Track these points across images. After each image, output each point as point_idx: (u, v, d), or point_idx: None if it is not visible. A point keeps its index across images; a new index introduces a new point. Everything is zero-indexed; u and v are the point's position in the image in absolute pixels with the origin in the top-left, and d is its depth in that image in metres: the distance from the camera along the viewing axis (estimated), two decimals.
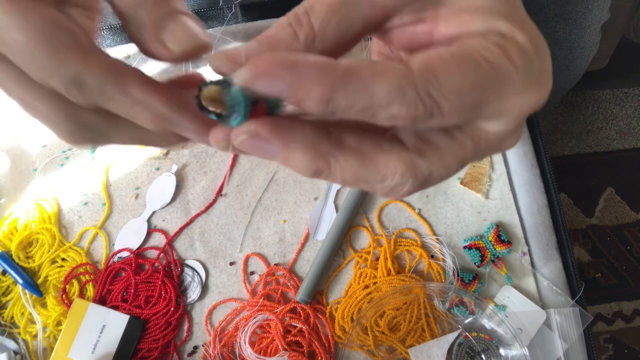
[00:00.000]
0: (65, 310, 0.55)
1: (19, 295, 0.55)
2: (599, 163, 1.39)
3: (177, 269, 0.56)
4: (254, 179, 0.59)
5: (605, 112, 1.42)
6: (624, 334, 1.27)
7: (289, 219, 0.58)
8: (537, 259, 0.57)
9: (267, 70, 0.19)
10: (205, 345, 0.55)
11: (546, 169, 0.59)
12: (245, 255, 0.57)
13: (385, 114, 0.19)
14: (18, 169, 0.59)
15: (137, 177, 0.59)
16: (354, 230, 0.57)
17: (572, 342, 0.54)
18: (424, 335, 0.54)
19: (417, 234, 0.57)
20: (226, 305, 0.56)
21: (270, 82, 0.19)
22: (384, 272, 0.55)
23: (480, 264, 0.55)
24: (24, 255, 0.56)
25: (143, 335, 0.54)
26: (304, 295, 0.54)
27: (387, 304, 0.54)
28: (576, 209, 1.35)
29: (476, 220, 0.58)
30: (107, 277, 0.55)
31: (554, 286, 0.56)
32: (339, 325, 0.55)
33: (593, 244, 1.33)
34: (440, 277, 0.56)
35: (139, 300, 0.55)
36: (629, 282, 1.30)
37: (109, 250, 0.57)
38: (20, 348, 0.54)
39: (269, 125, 0.20)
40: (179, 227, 0.57)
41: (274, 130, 0.20)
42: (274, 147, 0.20)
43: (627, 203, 1.36)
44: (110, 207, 0.58)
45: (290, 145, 0.20)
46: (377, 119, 0.19)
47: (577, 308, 0.55)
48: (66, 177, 0.59)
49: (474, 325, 0.54)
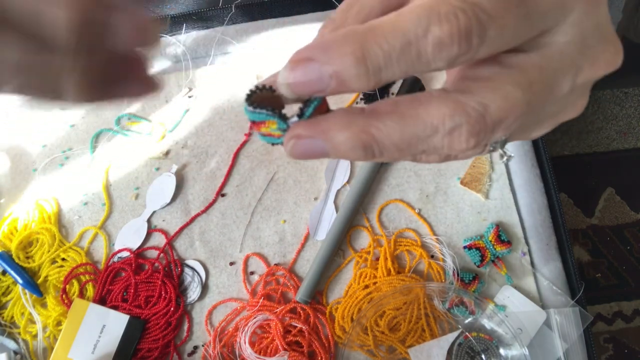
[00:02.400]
0: (65, 310, 0.55)
1: (19, 295, 0.55)
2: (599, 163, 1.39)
3: (177, 269, 0.56)
4: (254, 178, 0.59)
5: (605, 112, 1.42)
6: (624, 334, 1.27)
7: (289, 219, 0.58)
8: (537, 259, 0.57)
9: (298, 60, 0.18)
10: (205, 345, 0.55)
11: (546, 169, 0.59)
12: (245, 255, 0.57)
13: (427, 43, 0.17)
14: (18, 169, 0.59)
15: (137, 177, 0.59)
16: (354, 230, 0.57)
17: (572, 342, 0.54)
18: (424, 335, 0.54)
19: (417, 234, 0.57)
20: (226, 305, 0.56)
21: (304, 70, 0.18)
22: (384, 272, 0.55)
23: (480, 264, 0.55)
24: (24, 255, 0.56)
25: (143, 335, 0.54)
26: (304, 295, 0.54)
27: (387, 304, 0.54)
28: (576, 209, 1.35)
29: (476, 220, 0.58)
30: (107, 277, 0.55)
31: (554, 286, 0.56)
32: (339, 325, 0.55)
33: (593, 244, 1.33)
34: (440, 277, 0.56)
35: (139, 300, 0.55)
36: (629, 282, 1.30)
37: (109, 250, 0.57)
38: (20, 348, 0.54)
39: (304, 124, 0.20)
40: (179, 227, 0.57)
41: (309, 126, 0.20)
42: (318, 142, 0.20)
43: (627, 203, 1.35)
44: (110, 207, 0.58)
45: (329, 132, 0.20)
46: (423, 55, 0.18)
47: (577, 308, 0.55)
48: (66, 177, 0.59)
49: (474, 325, 0.54)
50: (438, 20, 0.17)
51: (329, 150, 0.20)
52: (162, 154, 0.59)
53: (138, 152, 0.59)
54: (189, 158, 0.59)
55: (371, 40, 0.18)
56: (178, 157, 0.59)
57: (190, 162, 0.59)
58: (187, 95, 0.61)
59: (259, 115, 0.21)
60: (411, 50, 0.18)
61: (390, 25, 0.18)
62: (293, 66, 0.19)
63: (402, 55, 0.18)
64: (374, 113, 0.20)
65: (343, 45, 0.18)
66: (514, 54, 0.20)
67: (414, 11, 0.17)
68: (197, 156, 0.59)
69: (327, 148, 0.20)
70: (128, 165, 0.59)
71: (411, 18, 0.17)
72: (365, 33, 0.18)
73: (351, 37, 0.18)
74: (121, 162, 0.59)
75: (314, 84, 0.19)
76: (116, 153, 0.60)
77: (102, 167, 0.59)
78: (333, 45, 0.18)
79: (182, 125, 0.60)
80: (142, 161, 0.59)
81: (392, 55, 0.18)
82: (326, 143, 0.20)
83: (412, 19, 0.17)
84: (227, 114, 0.60)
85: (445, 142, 0.20)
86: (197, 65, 0.61)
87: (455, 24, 0.17)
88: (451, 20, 0.17)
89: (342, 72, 0.18)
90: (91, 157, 0.59)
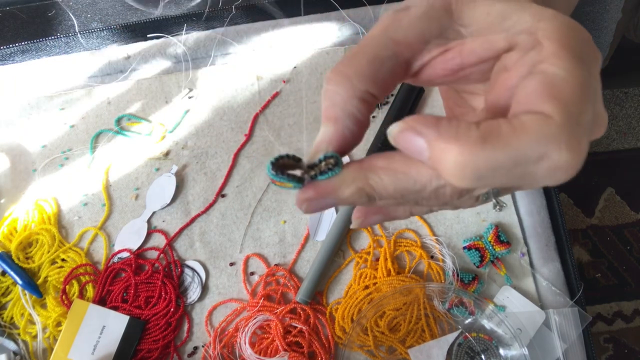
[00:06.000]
0: (65, 310, 0.55)
1: (19, 295, 0.55)
2: (599, 163, 1.39)
3: (177, 270, 0.56)
4: (254, 179, 0.59)
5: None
6: (624, 334, 1.27)
7: (289, 220, 0.58)
8: (536, 260, 0.57)
9: (410, 126, 0.21)
10: (205, 346, 0.55)
11: None
12: (245, 256, 0.57)
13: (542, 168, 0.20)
14: (18, 169, 0.59)
15: (137, 178, 0.59)
16: (354, 230, 0.57)
17: (571, 342, 0.54)
18: (424, 335, 0.54)
19: (416, 235, 0.57)
20: (226, 306, 0.56)
21: (411, 138, 0.21)
22: (383, 273, 0.55)
23: (480, 265, 0.56)
24: (24, 256, 0.56)
25: (143, 335, 0.54)
26: (304, 296, 0.54)
27: (387, 305, 0.54)
28: (576, 209, 1.35)
29: (475, 221, 0.58)
30: (107, 277, 0.55)
31: (553, 286, 0.56)
32: (339, 326, 0.55)
33: (593, 244, 1.33)
34: (440, 278, 0.56)
35: (139, 300, 0.55)
36: (629, 282, 1.30)
37: (108, 251, 0.57)
38: (20, 349, 0.54)
39: (315, 188, 0.24)
40: (179, 228, 0.57)
41: (319, 189, 0.24)
42: (327, 200, 0.24)
43: (627, 203, 1.36)
44: (110, 207, 0.58)
45: (337, 192, 0.24)
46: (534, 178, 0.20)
47: (576, 308, 0.55)
48: (66, 177, 0.59)
49: (473, 326, 0.54)
50: (555, 148, 0.20)
51: (337, 204, 0.24)
52: (162, 154, 0.59)
53: (138, 152, 0.60)
54: (189, 159, 0.59)
55: (480, 148, 0.20)
56: (178, 158, 0.59)
57: (190, 162, 0.59)
58: (188, 95, 0.61)
59: (280, 179, 0.24)
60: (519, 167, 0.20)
61: (504, 139, 0.20)
62: (404, 128, 0.22)
63: (508, 171, 0.21)
64: (372, 168, 0.23)
65: (454, 140, 0.21)
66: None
67: (531, 132, 0.20)
68: (197, 157, 0.59)
69: (335, 203, 0.24)
70: (128, 165, 0.59)
71: (528, 137, 0.20)
72: (479, 137, 0.21)
73: (464, 135, 0.21)
74: (121, 163, 0.59)
75: (411, 149, 0.22)
76: (116, 153, 0.60)
77: (102, 167, 0.59)
78: (446, 134, 0.21)
79: (182, 125, 0.60)
80: (142, 162, 0.59)
81: (498, 171, 0.21)
82: (335, 200, 0.24)
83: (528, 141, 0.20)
84: (227, 115, 0.60)
85: (432, 196, 0.23)
86: (197, 66, 0.61)
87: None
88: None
89: (440, 162, 0.21)
90: (91, 158, 0.59)
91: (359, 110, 0.24)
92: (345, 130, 0.24)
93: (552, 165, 0.20)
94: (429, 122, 0.21)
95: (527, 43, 0.21)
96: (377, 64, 0.23)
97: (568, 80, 0.20)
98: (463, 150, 0.19)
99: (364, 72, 0.23)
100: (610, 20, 0.68)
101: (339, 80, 0.24)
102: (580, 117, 0.20)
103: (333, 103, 0.24)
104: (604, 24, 0.67)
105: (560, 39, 0.21)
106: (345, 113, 0.24)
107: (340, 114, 0.24)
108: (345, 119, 0.24)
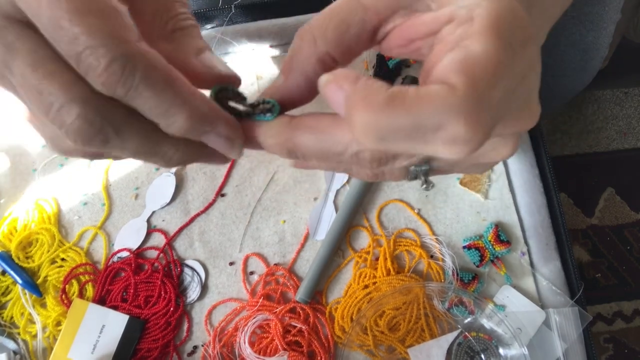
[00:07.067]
0: (64, 310, 0.55)
1: (19, 295, 0.55)
2: (599, 163, 1.39)
3: (177, 269, 0.56)
4: (253, 179, 0.59)
5: (605, 112, 1.42)
6: (624, 334, 1.27)
7: (288, 219, 0.58)
8: (537, 259, 0.57)
9: (335, 79, 0.22)
10: (204, 345, 0.55)
11: (546, 169, 0.59)
12: (245, 255, 0.57)
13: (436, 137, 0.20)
14: (18, 169, 0.59)
15: (136, 177, 0.59)
16: (354, 230, 0.57)
17: (571, 342, 0.54)
18: (424, 335, 0.54)
19: (416, 234, 0.57)
20: (226, 305, 0.56)
21: (334, 91, 0.21)
22: (383, 272, 0.55)
23: (480, 264, 0.55)
24: (24, 255, 0.56)
25: (143, 335, 0.54)
26: (303, 295, 0.54)
27: (387, 304, 0.54)
28: (576, 209, 1.35)
29: (475, 220, 0.58)
30: (106, 277, 0.55)
31: (553, 286, 0.56)
32: (338, 325, 0.55)
33: (593, 244, 1.33)
34: (440, 277, 0.56)
35: (139, 300, 0.55)
36: (629, 282, 1.30)
37: (108, 250, 0.57)
38: (19, 348, 0.55)
39: (244, 124, 0.25)
40: (179, 227, 0.57)
41: (246, 127, 0.25)
42: (253, 143, 0.25)
43: (627, 203, 1.35)
44: (110, 207, 0.58)
45: (261, 137, 0.25)
46: (429, 143, 0.20)
47: (577, 308, 0.55)
48: (66, 177, 0.59)
49: (473, 325, 0.54)
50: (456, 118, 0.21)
51: (266, 150, 0.25)
52: None
53: None
54: None
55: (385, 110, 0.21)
56: None
57: None
58: None
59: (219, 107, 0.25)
60: (417, 132, 0.21)
61: (407, 103, 0.21)
62: (330, 80, 0.23)
63: (407, 134, 0.21)
64: (300, 126, 0.24)
65: (363, 102, 0.21)
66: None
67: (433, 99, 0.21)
68: None
69: (262, 148, 0.25)
70: (128, 165, 0.59)
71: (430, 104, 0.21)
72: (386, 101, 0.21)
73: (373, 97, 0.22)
74: (121, 163, 0.59)
75: (334, 99, 0.23)
76: None
77: (102, 167, 0.59)
78: (358, 93, 0.22)
79: None
80: (141, 161, 0.59)
81: (399, 133, 0.21)
82: (261, 145, 0.25)
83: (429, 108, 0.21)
84: None
85: (354, 160, 0.24)
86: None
87: None
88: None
89: (352, 116, 0.22)
90: None
91: (313, 70, 0.24)
92: (294, 86, 0.25)
93: (449, 137, 0.20)
94: (350, 78, 0.21)
95: (462, 17, 0.21)
96: (344, 28, 0.24)
97: (482, 57, 0.20)
98: (368, 109, 0.20)
99: (328, 35, 0.24)
100: (610, 21, 0.68)
101: (304, 37, 0.24)
102: (486, 94, 0.20)
103: (292, 57, 0.25)
104: (603, 25, 0.67)
105: (489, 17, 0.21)
106: (300, 69, 0.25)
107: (295, 69, 0.25)
108: (297, 75, 0.25)
